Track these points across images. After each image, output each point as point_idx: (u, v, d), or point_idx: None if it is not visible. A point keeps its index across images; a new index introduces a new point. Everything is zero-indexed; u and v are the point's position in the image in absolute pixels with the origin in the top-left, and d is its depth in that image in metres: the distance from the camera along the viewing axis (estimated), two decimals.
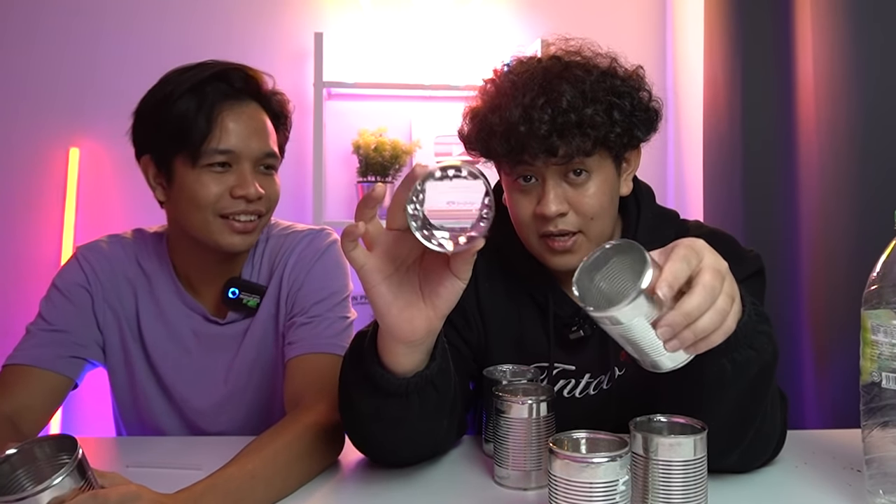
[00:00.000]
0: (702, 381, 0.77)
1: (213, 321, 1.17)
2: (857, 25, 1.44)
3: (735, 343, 0.74)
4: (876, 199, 1.39)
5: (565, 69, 0.96)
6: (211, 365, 1.17)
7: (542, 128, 0.91)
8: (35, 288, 2.36)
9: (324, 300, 1.12)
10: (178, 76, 1.08)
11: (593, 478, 0.65)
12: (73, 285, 1.14)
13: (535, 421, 0.86)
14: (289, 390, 1.04)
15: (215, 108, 1.05)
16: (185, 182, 1.06)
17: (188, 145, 1.04)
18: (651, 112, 1.01)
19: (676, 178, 2.53)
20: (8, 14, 2.39)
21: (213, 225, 1.07)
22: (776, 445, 0.91)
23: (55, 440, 0.69)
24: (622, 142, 0.97)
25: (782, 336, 1.68)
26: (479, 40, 2.53)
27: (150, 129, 1.09)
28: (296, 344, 1.09)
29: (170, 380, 1.17)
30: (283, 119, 1.17)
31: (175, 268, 1.17)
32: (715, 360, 0.75)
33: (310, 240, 1.18)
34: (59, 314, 1.12)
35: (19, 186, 2.38)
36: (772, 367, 0.80)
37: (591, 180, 0.97)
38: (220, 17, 2.45)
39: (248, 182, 1.06)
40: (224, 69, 1.09)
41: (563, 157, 0.93)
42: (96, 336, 1.15)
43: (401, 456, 0.93)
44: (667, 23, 2.62)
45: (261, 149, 1.09)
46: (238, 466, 0.81)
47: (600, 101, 0.94)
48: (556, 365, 1.05)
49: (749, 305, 0.76)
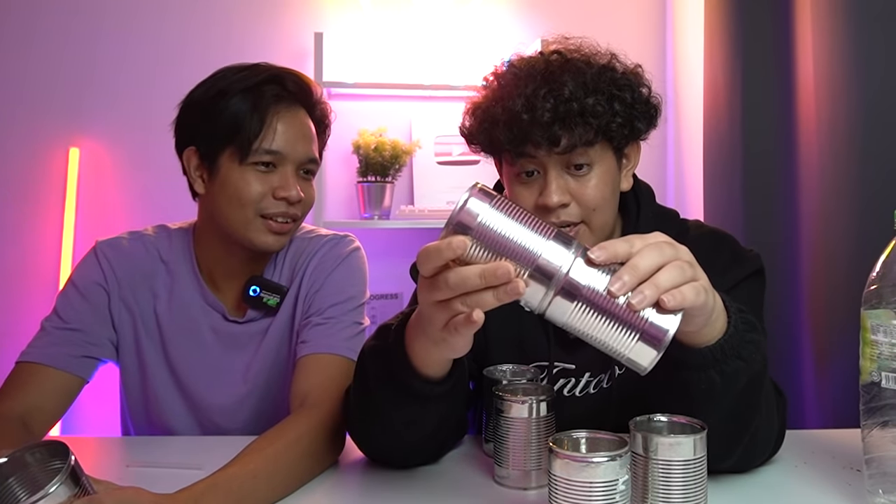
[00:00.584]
0: (691, 394, 0.77)
1: (233, 320, 1.18)
2: (857, 25, 1.44)
3: (723, 355, 0.74)
4: (876, 199, 1.39)
5: (567, 62, 0.97)
6: (229, 363, 1.18)
7: (546, 115, 0.92)
8: (35, 288, 2.36)
9: (340, 303, 1.14)
10: (233, 74, 1.11)
11: (593, 477, 0.65)
12: (90, 282, 1.15)
13: (535, 421, 0.86)
14: (295, 388, 1.05)
15: (269, 110, 1.09)
16: (229, 178, 1.09)
17: (238, 142, 1.07)
18: (651, 107, 1.01)
19: (676, 178, 2.53)
20: (7, 14, 2.39)
21: (253, 223, 1.09)
22: (774, 445, 0.91)
23: (46, 447, 0.68)
24: (623, 133, 0.98)
25: (782, 336, 1.68)
26: (479, 40, 2.53)
27: (200, 122, 1.11)
28: (308, 343, 1.09)
29: (187, 377, 1.17)
30: (325, 127, 1.20)
31: (198, 263, 1.18)
32: (703, 371, 0.75)
33: (333, 244, 1.19)
34: (74, 312, 1.12)
35: (19, 186, 2.38)
36: (762, 376, 0.80)
37: (593, 172, 0.98)
38: (220, 17, 2.45)
39: (290, 184, 1.10)
40: (279, 73, 1.13)
41: (565, 147, 0.94)
42: (110, 334, 1.15)
43: (409, 456, 0.94)
44: (667, 23, 2.63)
45: (305, 153, 1.12)
46: (240, 466, 0.81)
47: (602, 91, 0.95)
48: (555, 364, 1.05)
49: (735, 314, 0.76)
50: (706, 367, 0.75)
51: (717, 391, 0.76)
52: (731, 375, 0.76)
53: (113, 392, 1.23)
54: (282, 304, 1.16)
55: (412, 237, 2.45)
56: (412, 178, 2.49)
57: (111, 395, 1.24)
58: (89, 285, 1.14)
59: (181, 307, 1.17)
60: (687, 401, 0.77)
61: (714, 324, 0.74)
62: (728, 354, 0.75)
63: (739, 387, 0.77)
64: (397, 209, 2.42)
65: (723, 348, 0.74)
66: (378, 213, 2.37)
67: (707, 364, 0.74)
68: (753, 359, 0.77)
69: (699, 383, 0.76)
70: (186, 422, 1.18)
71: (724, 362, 0.75)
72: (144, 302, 1.17)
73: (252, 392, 1.17)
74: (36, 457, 0.68)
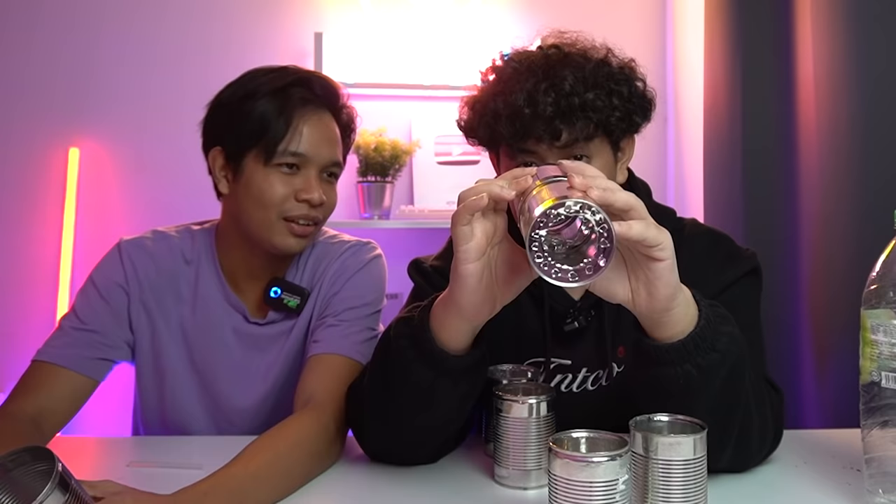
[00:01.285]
0: (670, 391, 0.77)
1: (254, 322, 1.18)
2: (857, 25, 1.44)
3: (696, 348, 0.75)
4: (876, 198, 1.39)
5: (565, 57, 0.99)
6: (251, 364, 1.18)
7: (548, 110, 0.93)
8: (35, 288, 2.37)
9: (356, 308, 1.14)
10: (262, 76, 1.12)
11: (593, 477, 0.65)
12: (110, 283, 1.14)
13: (535, 420, 0.86)
14: (301, 386, 1.05)
15: (295, 112, 1.10)
16: (253, 179, 1.09)
17: (263, 143, 1.08)
18: (646, 100, 1.03)
19: (676, 177, 2.53)
20: (7, 14, 2.39)
21: (276, 225, 1.10)
22: (771, 442, 0.91)
23: (31, 452, 0.66)
24: (621, 126, 0.99)
25: (782, 336, 1.68)
26: (479, 40, 2.52)
27: (227, 122, 1.11)
28: (320, 343, 1.10)
29: (210, 378, 1.17)
30: (350, 132, 1.21)
31: (221, 264, 1.18)
32: (678, 366, 0.75)
33: (355, 250, 1.20)
34: (93, 312, 1.12)
35: (19, 186, 2.38)
36: (741, 366, 0.80)
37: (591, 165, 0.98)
38: (220, 17, 2.45)
39: (313, 187, 1.10)
40: (307, 76, 1.14)
41: (566, 141, 0.95)
42: (127, 336, 1.15)
43: (410, 451, 0.94)
44: (667, 23, 2.63)
45: (329, 156, 1.13)
46: (241, 466, 0.81)
47: (601, 86, 0.96)
48: (552, 360, 1.06)
49: (706, 309, 0.76)
50: (681, 361, 0.75)
51: (696, 385, 0.76)
52: (708, 368, 0.76)
53: (119, 391, 1.23)
54: (303, 306, 1.16)
55: (412, 237, 2.45)
56: (412, 178, 2.49)
57: (117, 395, 1.24)
58: (109, 286, 1.14)
59: (204, 308, 1.17)
60: (668, 398, 0.78)
61: (683, 316, 0.74)
62: (702, 347, 0.75)
63: (719, 380, 0.77)
64: (397, 209, 2.42)
65: (695, 341, 0.74)
66: (378, 213, 2.37)
67: (682, 358, 0.75)
68: (730, 351, 0.77)
69: (676, 378, 0.76)
70: (204, 423, 1.18)
71: (699, 355, 0.75)
72: (168, 303, 1.17)
73: (271, 394, 1.18)
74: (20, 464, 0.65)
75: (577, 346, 1.05)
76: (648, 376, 0.78)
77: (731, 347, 0.77)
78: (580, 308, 1.04)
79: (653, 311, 0.73)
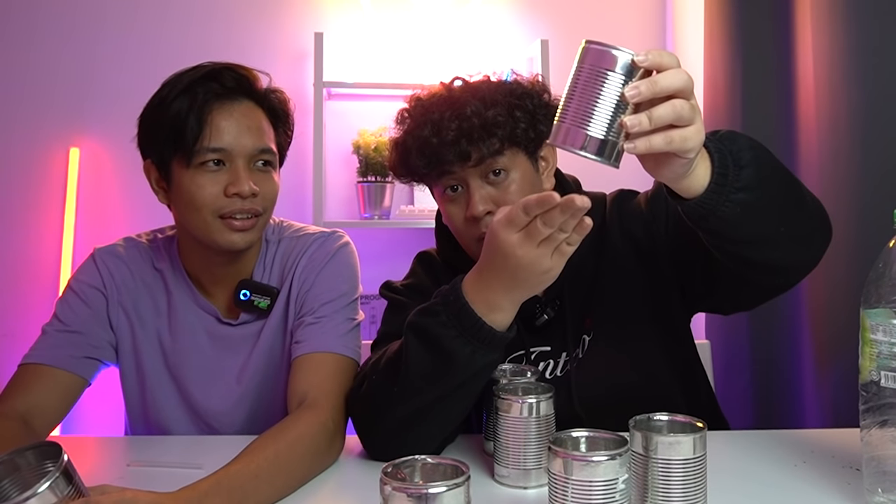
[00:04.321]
0: (739, 222, 0.79)
1: (226, 323, 1.18)
2: (856, 25, 1.45)
3: (726, 180, 0.77)
4: (875, 197, 1.39)
5: (468, 86, 1.07)
6: (225, 365, 1.18)
7: (450, 135, 1.00)
8: (35, 288, 2.37)
9: (332, 301, 1.13)
10: (175, 79, 1.09)
11: (593, 476, 0.65)
12: (88, 287, 1.15)
13: (534, 419, 0.86)
14: (293, 388, 1.05)
15: (206, 108, 1.06)
16: (182, 183, 1.07)
17: (182, 146, 1.06)
18: (554, 109, 1.04)
19: None
20: (7, 14, 2.39)
21: (213, 225, 1.08)
22: (823, 220, 0.94)
23: (40, 448, 0.68)
24: (529, 136, 1.04)
25: (782, 336, 1.68)
26: (479, 40, 2.53)
27: (149, 133, 1.10)
28: (303, 343, 1.09)
29: (185, 380, 1.17)
30: (283, 116, 1.17)
31: (187, 270, 1.18)
32: (727, 199, 0.77)
33: (321, 242, 1.19)
34: (74, 315, 1.13)
35: (19, 186, 2.38)
36: (768, 156, 0.82)
37: (510, 177, 1.04)
38: (220, 18, 2.45)
39: (241, 179, 1.07)
40: (215, 69, 1.10)
41: (477, 160, 1.01)
42: (110, 337, 1.16)
43: (411, 448, 0.94)
44: (667, 23, 2.63)
45: (254, 145, 1.09)
46: (241, 465, 0.81)
47: (500, 103, 1.02)
48: (532, 349, 1.10)
49: (712, 144, 0.78)
50: (726, 195, 0.77)
51: (753, 204, 0.78)
52: (750, 183, 0.77)
53: (114, 393, 1.23)
54: (273, 305, 1.16)
55: (412, 237, 2.45)
56: None
57: (113, 396, 1.25)
58: (88, 290, 1.15)
59: (177, 312, 1.18)
60: (740, 226, 0.80)
61: (700, 163, 0.76)
62: (732, 174, 0.77)
63: (766, 180, 0.79)
64: (397, 209, 2.42)
65: (722, 176, 0.76)
66: (378, 213, 2.37)
67: (722, 194, 0.77)
68: (755, 154, 0.79)
69: (734, 207, 0.78)
70: (184, 424, 1.18)
71: (734, 182, 0.77)
72: (143, 306, 1.18)
73: (246, 394, 1.17)
74: (29, 459, 0.67)
75: (551, 335, 1.11)
76: (715, 227, 0.80)
77: (754, 152, 0.79)
78: (545, 301, 1.10)
79: (678, 178, 0.76)
